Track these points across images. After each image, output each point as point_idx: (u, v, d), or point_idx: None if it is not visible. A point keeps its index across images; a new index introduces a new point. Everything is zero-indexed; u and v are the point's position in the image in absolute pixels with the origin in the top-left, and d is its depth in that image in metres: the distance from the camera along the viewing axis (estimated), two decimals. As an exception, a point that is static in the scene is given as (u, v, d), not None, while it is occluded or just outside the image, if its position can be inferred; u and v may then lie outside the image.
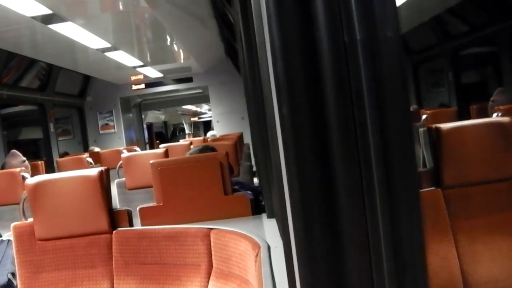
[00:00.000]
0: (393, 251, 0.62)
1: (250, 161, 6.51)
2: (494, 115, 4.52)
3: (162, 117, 20.75)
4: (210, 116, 23.08)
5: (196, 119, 24.72)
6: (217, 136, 9.60)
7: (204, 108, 22.43)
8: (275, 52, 0.60)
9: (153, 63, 10.39)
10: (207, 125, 24.25)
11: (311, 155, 0.60)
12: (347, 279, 0.61)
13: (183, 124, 23.15)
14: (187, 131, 23.70)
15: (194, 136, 18.57)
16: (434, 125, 2.55)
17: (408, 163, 0.62)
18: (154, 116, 19.10)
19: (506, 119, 2.63)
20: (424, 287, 0.63)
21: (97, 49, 7.80)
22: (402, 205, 0.62)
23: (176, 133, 19.97)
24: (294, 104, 0.60)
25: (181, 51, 9.65)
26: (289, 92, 0.60)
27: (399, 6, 6.82)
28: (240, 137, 7.81)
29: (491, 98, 6.11)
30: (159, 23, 6.95)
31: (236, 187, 3.20)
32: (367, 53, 0.59)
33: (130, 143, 12.44)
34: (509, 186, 2.49)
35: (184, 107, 20.66)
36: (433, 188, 2.52)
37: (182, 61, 10.80)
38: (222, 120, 12.36)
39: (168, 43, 8.84)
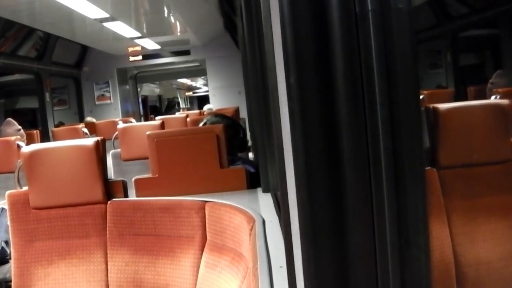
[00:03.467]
0: (397, 226, 0.62)
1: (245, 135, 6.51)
2: (493, 97, 4.52)
3: (157, 91, 20.66)
4: (205, 91, 23.00)
5: (190, 93, 24.59)
6: (214, 110, 9.58)
7: (199, 82, 22.30)
8: (284, 22, 0.59)
9: (151, 34, 10.33)
10: (201, 100, 24.11)
11: (318, 126, 0.60)
12: (350, 253, 0.61)
13: (177, 98, 23.05)
14: (182, 106, 23.61)
15: (188, 111, 18.54)
16: (431, 105, 2.55)
17: (415, 138, 0.62)
18: (149, 89, 19.02)
19: (504, 101, 2.63)
20: (426, 262, 0.63)
21: (95, 19, 7.75)
22: (407, 179, 0.62)
23: (170, 107, 19.87)
24: (302, 75, 0.59)
25: (179, 23, 9.60)
26: (297, 62, 0.59)
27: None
28: (237, 111, 7.79)
29: (490, 80, 6.10)
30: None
31: (239, 162, 3.20)
32: (378, 24, 0.58)
33: (126, 114, 12.42)
34: (504, 169, 2.50)
35: (179, 81, 20.56)
36: (428, 168, 2.52)
37: (180, 34, 10.75)
38: (219, 94, 12.34)
39: (167, 15, 8.79)
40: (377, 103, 0.59)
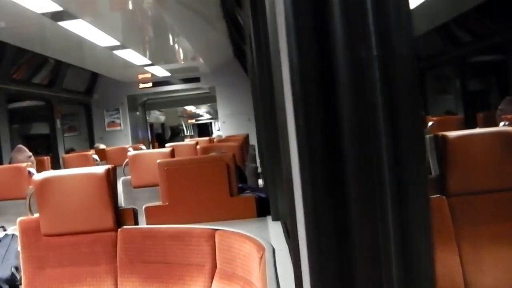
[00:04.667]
0: (403, 261, 0.63)
1: (256, 162, 6.52)
2: (501, 124, 4.52)
3: (162, 118, 20.66)
4: (207, 119, 23.01)
5: (193, 121, 24.56)
6: (223, 136, 9.61)
7: (201, 110, 22.27)
8: (293, 66, 0.61)
9: (160, 62, 10.41)
10: (202, 128, 24.01)
11: (326, 168, 0.61)
12: (357, 286, 0.63)
13: (182, 125, 23.03)
14: (186, 133, 23.53)
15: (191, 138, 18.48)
16: (440, 133, 2.56)
17: (420, 171, 0.63)
18: (154, 117, 19.03)
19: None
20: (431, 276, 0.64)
21: (106, 47, 7.82)
22: (412, 212, 0.63)
23: (175, 134, 19.82)
24: (310, 117, 0.61)
25: (188, 51, 9.67)
26: (305, 104, 0.61)
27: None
28: (246, 138, 7.82)
29: (499, 107, 6.10)
30: (168, 22, 6.97)
31: (248, 191, 3.21)
32: (382, 68, 0.60)
33: (136, 141, 12.47)
34: (513, 196, 2.50)
35: (182, 108, 20.49)
36: (438, 195, 2.53)
37: (189, 61, 10.82)
38: (228, 121, 12.38)
39: (177, 43, 8.85)
40: (383, 142, 0.61)
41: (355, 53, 0.59)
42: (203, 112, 22.94)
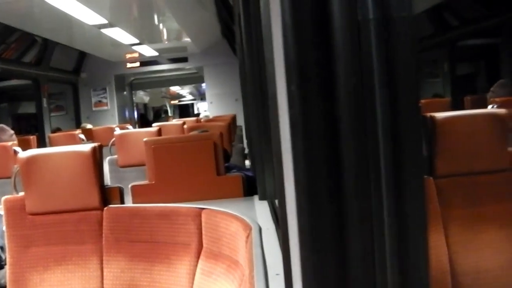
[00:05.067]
0: (397, 236, 0.61)
1: (243, 143, 6.51)
2: (489, 106, 4.52)
3: (147, 99, 20.50)
4: (190, 100, 22.82)
5: (176, 102, 24.30)
6: (211, 117, 9.59)
7: (185, 91, 22.06)
8: (286, 29, 0.59)
9: (149, 41, 10.35)
10: (183, 109, 23.68)
11: (318, 134, 0.60)
12: (349, 260, 0.61)
13: (165, 106, 22.81)
14: (170, 114, 23.26)
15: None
16: (429, 114, 2.55)
17: (415, 146, 0.62)
18: (139, 97, 18.91)
19: (501, 110, 2.64)
20: (425, 269, 0.63)
21: (94, 25, 7.76)
22: (407, 188, 0.62)
23: (158, 115, 19.61)
24: (303, 82, 0.59)
25: (177, 30, 9.62)
26: (298, 69, 0.59)
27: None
28: (234, 118, 7.79)
29: (491, 89, 6.11)
30: (157, 1, 6.92)
31: (235, 170, 3.20)
32: (379, 32, 0.58)
33: (123, 121, 12.42)
34: (500, 178, 2.50)
35: (165, 89, 20.27)
36: (425, 176, 2.52)
37: (177, 41, 10.77)
38: (216, 101, 12.36)
39: (165, 22, 8.80)
40: (378, 111, 0.59)
41: (351, 17, 0.58)
42: (186, 93, 22.73)
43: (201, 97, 21.91)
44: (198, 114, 20.13)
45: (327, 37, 0.58)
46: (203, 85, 18.64)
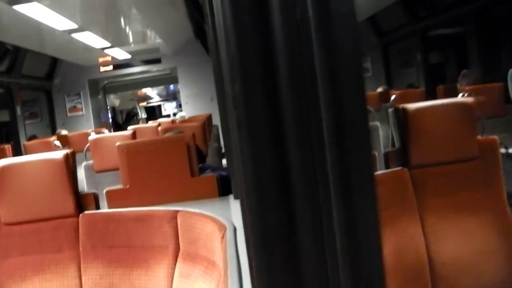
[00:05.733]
0: (347, 234, 0.61)
1: (219, 142, 6.50)
2: (460, 95, 4.57)
3: (117, 102, 20.22)
4: (158, 101, 22.55)
5: (145, 104, 23.90)
6: (186, 117, 9.56)
7: (153, 92, 21.76)
8: (228, 30, 0.59)
9: (121, 44, 10.30)
10: (150, 111, 23.15)
11: (264, 133, 0.59)
12: (301, 260, 0.61)
13: (136, 109, 22.38)
14: (140, 116, 22.76)
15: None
16: (401, 105, 2.57)
17: (362, 141, 0.61)
18: (110, 101, 18.69)
19: (468, 100, 2.66)
20: (378, 264, 0.63)
21: (64, 31, 7.70)
22: (355, 186, 0.61)
23: (129, 118, 19.28)
24: (246, 82, 0.59)
25: (149, 32, 9.58)
26: (241, 69, 0.58)
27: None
28: (209, 118, 7.78)
29: (458, 78, 6.22)
30: (127, 2, 6.88)
31: (209, 170, 3.20)
32: (319, 30, 0.58)
33: (98, 125, 12.36)
34: (472, 166, 2.52)
35: (131, 92, 19.98)
36: (400, 168, 2.54)
37: (150, 42, 10.74)
38: (191, 101, 12.34)
39: (136, 24, 8.76)
40: (321, 107, 0.59)
41: (290, 15, 0.57)
42: (154, 94, 22.42)
43: (168, 98, 21.66)
44: (166, 115, 19.95)
45: (268, 37, 0.58)
46: (171, 86, 18.57)
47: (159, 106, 22.48)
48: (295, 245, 0.61)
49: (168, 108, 21.71)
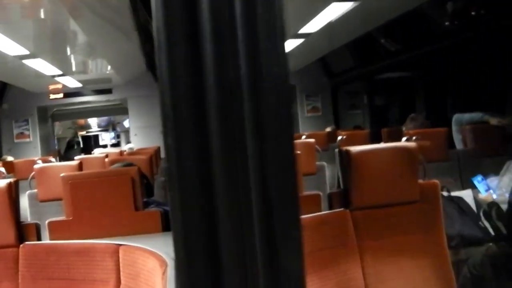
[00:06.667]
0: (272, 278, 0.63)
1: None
2: (403, 139, 4.67)
3: (58, 130, 19.74)
4: (97, 130, 22.16)
5: (84, 133, 23.33)
6: (135, 149, 9.51)
7: (93, 121, 21.33)
8: (164, 87, 0.61)
9: (72, 72, 10.22)
10: (85, 140, 22.51)
11: (195, 187, 0.61)
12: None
13: (77, 137, 21.85)
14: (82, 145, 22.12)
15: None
16: (344, 148, 2.62)
17: (289, 193, 0.64)
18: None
19: (411, 144, 2.73)
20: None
21: (15, 56, 7.62)
22: (281, 228, 0.64)
23: (70, 146, 18.76)
24: (179, 137, 0.61)
25: (101, 62, 9.54)
26: (174, 124, 0.61)
27: (323, 28, 7.01)
28: (157, 151, 7.74)
29: (406, 122, 6.38)
30: (81, 33, 6.86)
31: (153, 205, 3.19)
32: (250, 88, 0.60)
33: (46, 153, 12.18)
34: (411, 209, 2.58)
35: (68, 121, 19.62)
36: (342, 209, 2.58)
37: (102, 72, 10.68)
38: (141, 133, 12.28)
39: (89, 53, 8.72)
40: (250, 165, 0.61)
41: (224, 73, 0.60)
42: (94, 123, 21.89)
43: (107, 128, 21.35)
44: (103, 145, 19.64)
45: (201, 96, 0.60)
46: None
47: (96, 136, 21.96)
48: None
49: (106, 138, 21.31)
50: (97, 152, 10.05)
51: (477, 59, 7.06)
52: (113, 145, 19.81)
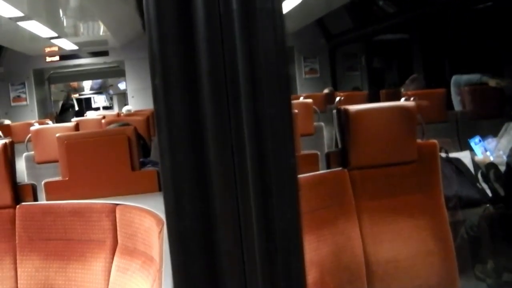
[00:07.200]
0: (265, 233, 0.61)
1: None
2: (402, 99, 4.66)
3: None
4: (90, 93, 22.02)
5: (77, 95, 23.15)
6: (132, 111, 9.48)
7: (86, 83, 21.17)
8: (150, 23, 0.59)
9: (68, 35, 10.14)
10: (79, 103, 22.30)
11: (183, 130, 0.59)
12: (218, 260, 0.61)
13: (72, 100, 21.67)
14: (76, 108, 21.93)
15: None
16: (342, 107, 2.59)
17: (284, 142, 0.62)
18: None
19: (410, 103, 2.71)
20: (299, 266, 0.63)
21: (10, 18, 7.53)
22: (276, 191, 0.61)
23: (65, 109, 18.61)
24: (167, 76, 0.58)
25: (97, 23, 9.47)
26: (162, 63, 0.58)
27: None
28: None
29: (406, 82, 6.35)
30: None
31: (149, 165, 3.17)
32: (242, 24, 0.58)
33: (43, 116, 12.16)
34: (409, 170, 2.57)
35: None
36: (340, 168, 2.57)
37: (98, 34, 10.60)
38: (138, 96, 12.23)
39: (84, 15, 8.64)
40: (242, 105, 0.59)
41: (213, 9, 0.57)
42: (88, 85, 21.72)
43: (101, 90, 21.19)
44: (96, 108, 19.58)
45: (190, 30, 0.57)
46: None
47: (89, 99, 21.79)
48: (213, 245, 0.61)
49: (99, 101, 21.17)
50: (90, 115, 10.01)
51: (475, 20, 7.01)
52: (105, 108, 19.71)
